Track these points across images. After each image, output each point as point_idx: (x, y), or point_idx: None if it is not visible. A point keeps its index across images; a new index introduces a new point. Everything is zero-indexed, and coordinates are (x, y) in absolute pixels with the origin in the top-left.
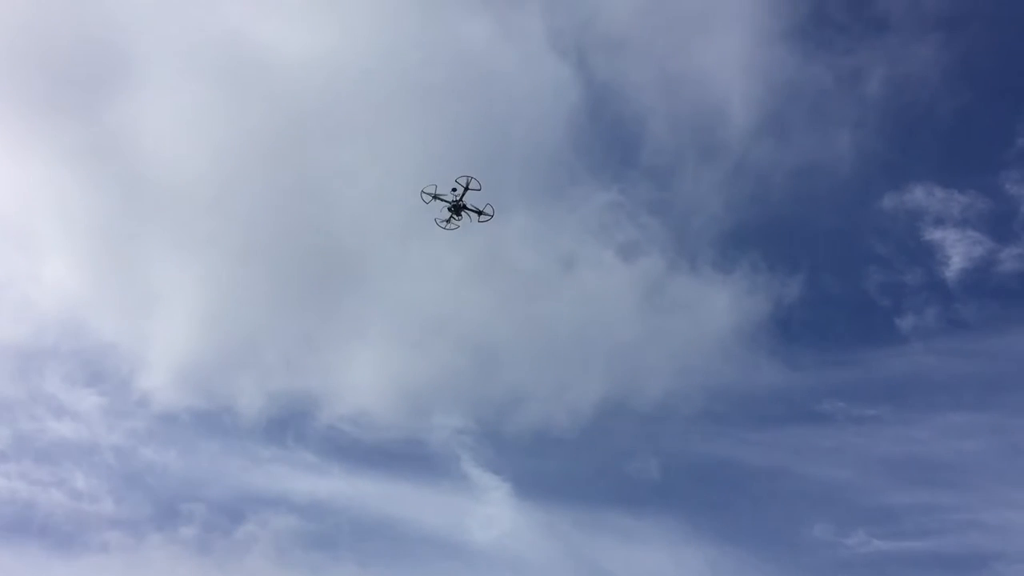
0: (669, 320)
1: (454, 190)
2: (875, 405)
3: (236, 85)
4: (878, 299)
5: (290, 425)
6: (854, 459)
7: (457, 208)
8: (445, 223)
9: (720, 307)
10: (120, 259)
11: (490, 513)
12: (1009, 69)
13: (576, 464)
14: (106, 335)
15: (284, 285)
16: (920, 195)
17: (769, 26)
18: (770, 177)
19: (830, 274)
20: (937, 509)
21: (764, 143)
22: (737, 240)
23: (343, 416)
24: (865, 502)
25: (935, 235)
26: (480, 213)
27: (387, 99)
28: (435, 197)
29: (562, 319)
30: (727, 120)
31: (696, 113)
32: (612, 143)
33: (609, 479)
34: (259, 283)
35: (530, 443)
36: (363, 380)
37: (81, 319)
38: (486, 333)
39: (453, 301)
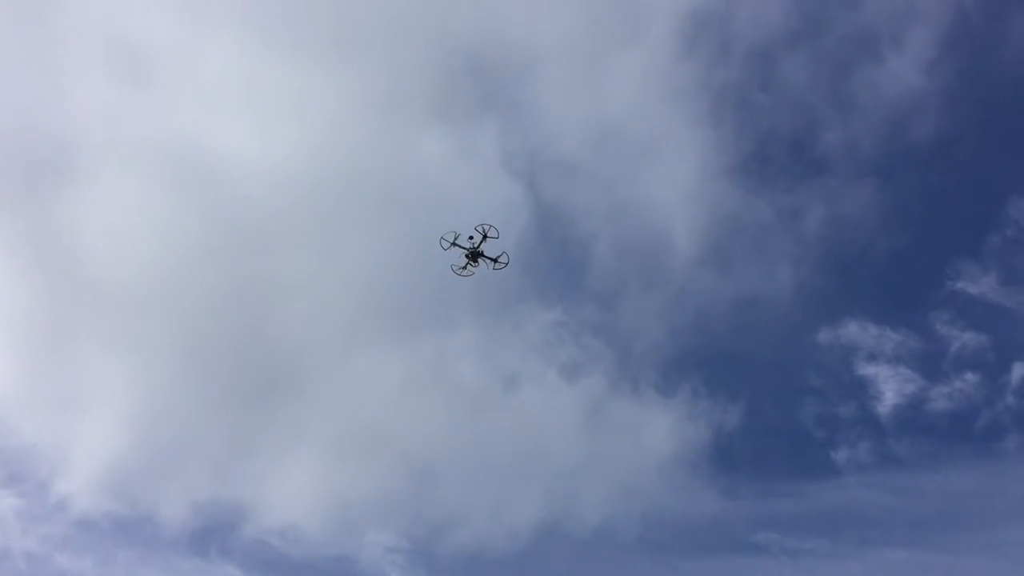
0: (610, 443)
1: (471, 238)
2: (810, 538)
3: (186, 187)
4: (814, 431)
5: (215, 536)
6: None
7: (474, 255)
8: (461, 269)
9: (661, 432)
10: (48, 356)
11: None
12: (939, 215)
13: None
14: (27, 435)
15: (218, 390)
16: (854, 331)
17: (714, 161)
18: (712, 306)
19: (769, 404)
20: None
21: (707, 273)
22: (679, 366)
23: (271, 529)
24: None
25: (868, 370)
26: (495, 261)
27: (339, 209)
28: (454, 244)
29: (503, 438)
30: (671, 249)
31: (641, 240)
32: (559, 264)
33: None
34: (192, 387)
35: (464, 565)
36: (294, 492)
37: (1, 417)
38: (425, 449)
39: (393, 414)
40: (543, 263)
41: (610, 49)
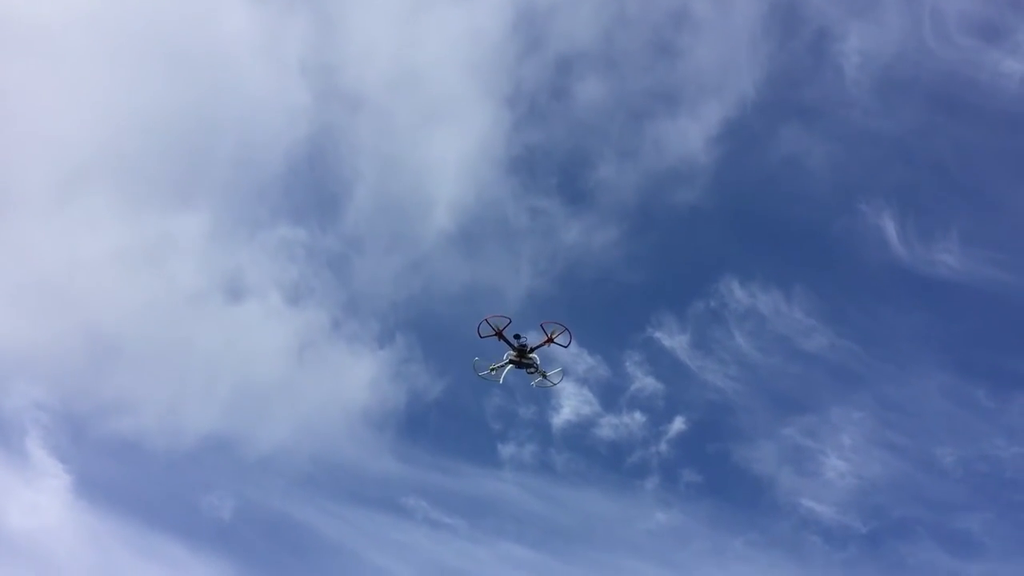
0: (310, 377)
1: (517, 336)
2: (453, 516)
3: None
4: (492, 422)
5: None
6: (417, 559)
7: (521, 357)
8: (488, 372)
9: (362, 381)
10: None
11: (38, 501)
12: (665, 269)
13: (152, 485)
14: None
15: None
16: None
17: (494, 149)
18: (448, 282)
19: (466, 386)
20: None
21: (453, 250)
22: (402, 325)
23: None
24: None
25: (559, 384)
26: (545, 375)
27: (113, 42)
28: (498, 335)
29: (203, 338)
30: (428, 216)
31: (404, 196)
32: (319, 189)
33: (179, 507)
34: None
35: (115, 449)
36: None
37: None
38: (117, 324)
39: (89, 281)
40: (304, 182)
41: None
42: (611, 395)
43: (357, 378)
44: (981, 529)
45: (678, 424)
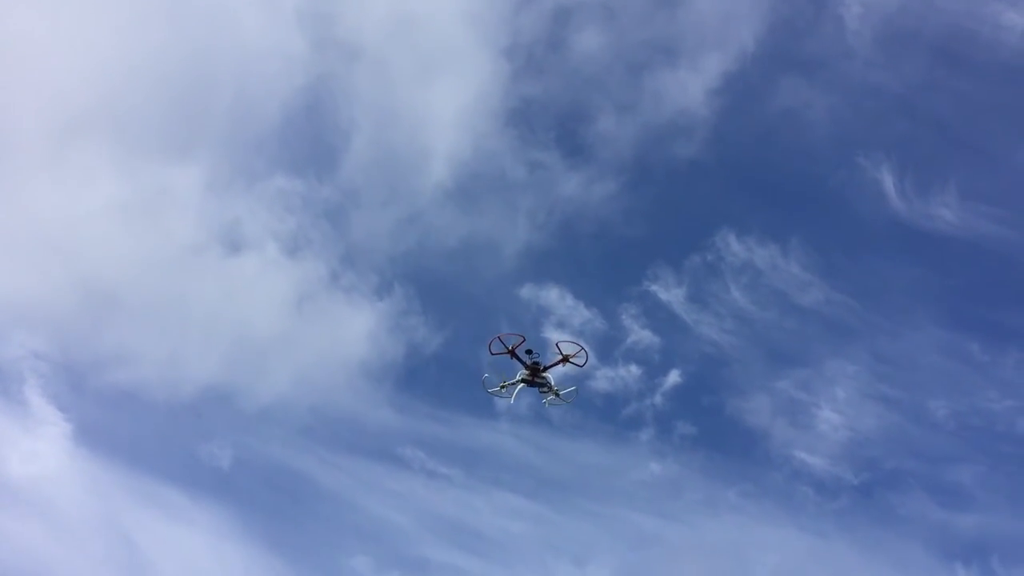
0: (309, 329)
1: (530, 351)
2: (451, 466)
3: None
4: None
5: None
6: (415, 508)
7: (534, 375)
8: (498, 388)
9: (361, 333)
10: None
11: (38, 448)
12: (662, 223)
13: (152, 434)
14: None
15: None
16: (553, 296)
17: (493, 100)
18: (445, 235)
19: (465, 339)
20: (465, 575)
21: (450, 203)
22: (401, 277)
23: None
24: (408, 549)
25: (552, 335)
26: (558, 394)
27: None
28: (511, 353)
29: (201, 291)
30: (426, 168)
31: (401, 148)
32: (316, 140)
33: (178, 456)
34: None
35: (114, 399)
36: None
37: None
38: (115, 276)
39: (92, 230)
40: (301, 132)
41: None
42: (607, 348)
43: (355, 330)
44: (972, 481)
45: (673, 377)
